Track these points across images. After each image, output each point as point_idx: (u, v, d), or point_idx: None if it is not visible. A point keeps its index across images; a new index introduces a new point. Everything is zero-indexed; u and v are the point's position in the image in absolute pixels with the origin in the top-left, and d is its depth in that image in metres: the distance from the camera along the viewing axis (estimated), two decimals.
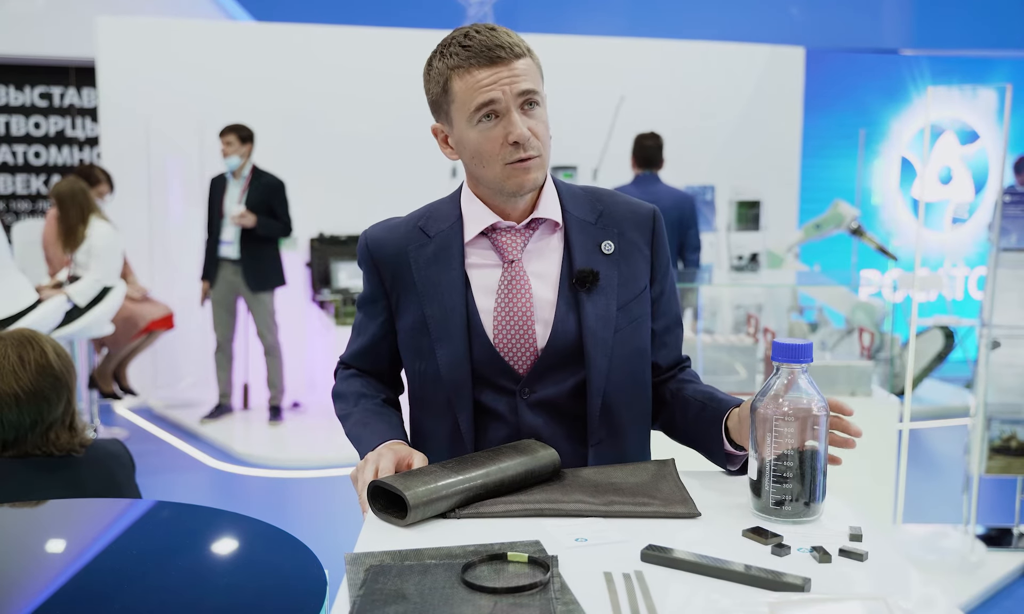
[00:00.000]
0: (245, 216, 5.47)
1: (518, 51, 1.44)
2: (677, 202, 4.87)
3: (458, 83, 1.44)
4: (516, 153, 1.45)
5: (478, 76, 1.43)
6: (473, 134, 1.46)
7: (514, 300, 1.52)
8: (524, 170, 1.46)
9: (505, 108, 1.43)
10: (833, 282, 5.56)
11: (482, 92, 1.43)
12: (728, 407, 1.51)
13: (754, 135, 7.34)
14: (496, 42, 1.43)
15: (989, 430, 3.93)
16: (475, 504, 1.35)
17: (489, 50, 1.42)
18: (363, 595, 1.08)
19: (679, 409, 1.60)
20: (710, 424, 1.53)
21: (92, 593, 1.26)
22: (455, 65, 1.44)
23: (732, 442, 1.49)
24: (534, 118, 1.46)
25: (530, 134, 1.45)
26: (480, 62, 1.42)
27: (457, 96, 1.45)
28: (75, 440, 1.95)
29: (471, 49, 1.43)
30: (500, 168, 1.46)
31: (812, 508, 1.32)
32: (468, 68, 1.43)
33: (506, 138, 1.44)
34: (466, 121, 1.46)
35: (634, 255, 1.57)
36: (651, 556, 1.19)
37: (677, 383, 1.64)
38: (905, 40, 8.36)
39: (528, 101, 1.45)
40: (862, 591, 1.12)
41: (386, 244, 1.59)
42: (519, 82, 1.43)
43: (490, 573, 1.14)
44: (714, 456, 1.55)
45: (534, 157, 1.46)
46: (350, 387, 1.65)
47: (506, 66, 1.43)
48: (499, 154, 1.46)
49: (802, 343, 1.32)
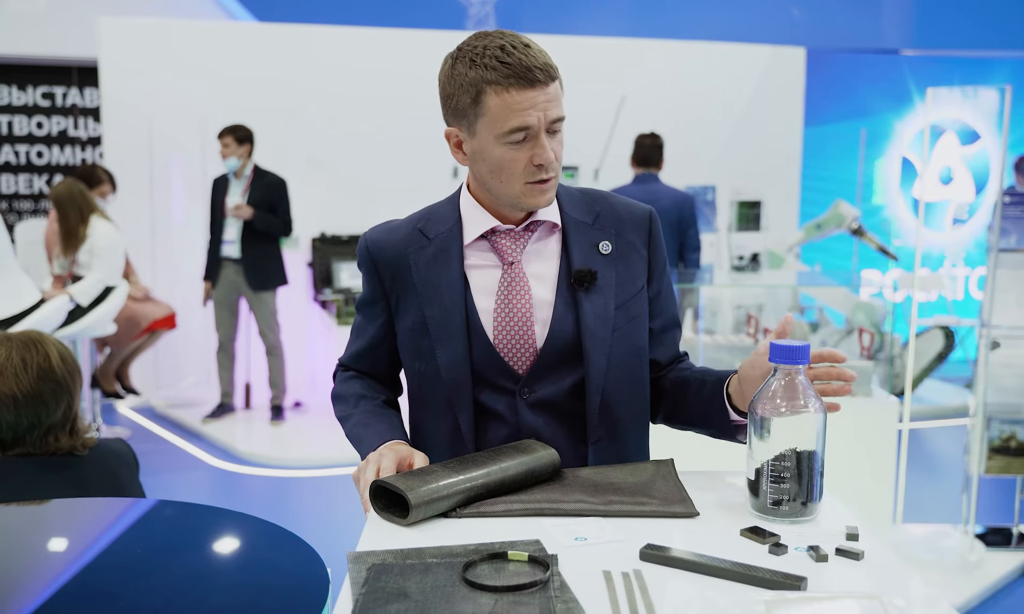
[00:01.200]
0: (242, 208, 5.48)
1: (552, 73, 1.46)
2: (676, 202, 4.87)
3: (494, 99, 1.44)
4: (538, 174, 1.48)
5: (517, 98, 1.43)
6: (499, 151, 1.47)
7: (514, 301, 1.54)
8: (542, 191, 1.50)
9: (536, 132, 1.45)
10: (834, 282, 5.56)
11: (519, 116, 1.43)
12: (726, 376, 1.54)
13: (755, 135, 7.35)
14: (535, 63, 1.43)
15: (989, 430, 3.94)
16: (476, 503, 1.37)
17: (529, 71, 1.43)
18: (365, 593, 1.09)
19: (679, 392, 1.63)
20: (712, 396, 1.55)
21: (95, 592, 1.27)
22: (492, 80, 1.43)
23: (736, 409, 1.51)
24: (556, 141, 1.49)
25: (553, 157, 1.48)
26: (520, 84, 1.43)
27: (491, 111, 1.45)
28: (76, 442, 1.95)
29: (511, 67, 1.43)
30: (520, 186, 1.49)
31: (809, 508, 1.34)
32: (507, 87, 1.43)
33: (531, 160, 1.47)
34: (494, 137, 1.47)
35: (631, 255, 1.59)
36: (650, 555, 1.20)
37: (676, 371, 1.67)
38: (906, 41, 8.37)
39: (555, 125, 1.47)
40: (858, 590, 1.14)
41: (386, 246, 1.60)
42: (552, 108, 1.45)
43: (491, 572, 1.15)
44: (721, 431, 1.57)
45: (552, 178, 1.50)
46: (350, 389, 1.67)
47: (543, 90, 1.44)
48: (522, 174, 1.48)
49: (800, 344, 1.34)
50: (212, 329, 5.92)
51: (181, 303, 6.26)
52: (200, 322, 6.38)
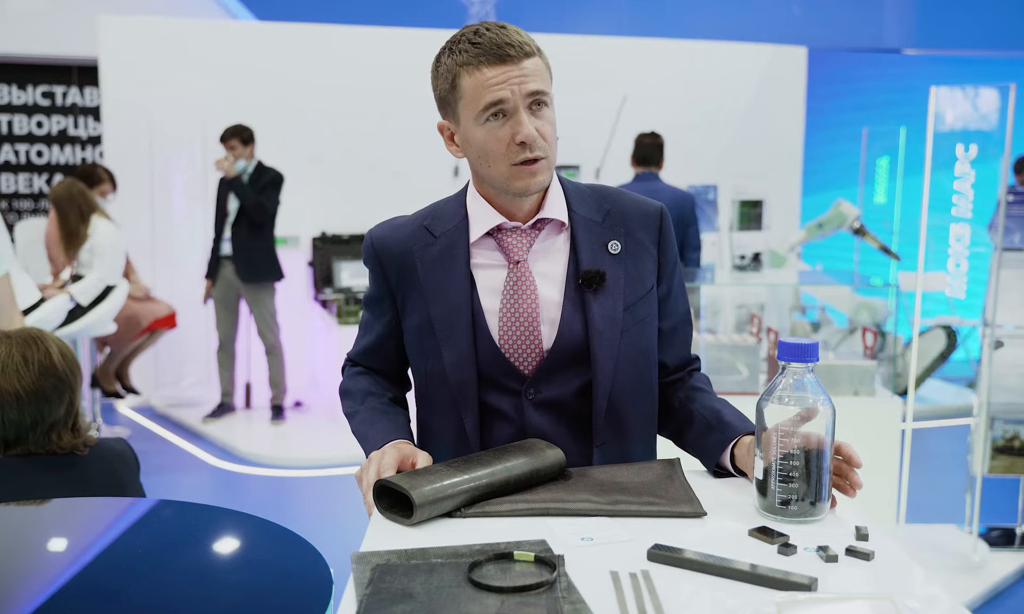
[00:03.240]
0: (222, 161, 5.47)
1: (528, 50, 1.43)
2: (677, 201, 4.86)
3: (467, 80, 1.43)
4: (522, 153, 1.44)
5: (487, 74, 1.41)
6: (480, 132, 1.45)
7: (519, 301, 1.51)
8: (530, 173, 1.46)
9: (513, 108, 1.42)
10: (835, 281, 5.54)
11: (491, 90, 1.41)
12: (735, 434, 1.49)
13: (757, 134, 7.34)
14: (506, 40, 1.42)
15: (992, 430, 3.93)
16: (481, 503, 1.35)
17: (499, 48, 1.41)
18: (370, 594, 1.08)
19: (685, 423, 1.59)
20: (713, 447, 1.51)
21: (95, 591, 1.26)
22: (464, 62, 1.43)
23: (736, 468, 1.49)
24: (542, 118, 1.45)
25: (537, 135, 1.44)
26: (490, 60, 1.41)
27: (465, 93, 1.44)
28: (78, 440, 1.94)
29: (481, 46, 1.42)
30: (506, 168, 1.46)
31: (818, 507, 1.32)
32: (477, 65, 1.42)
33: (513, 138, 1.43)
34: (473, 119, 1.45)
35: (641, 255, 1.56)
36: (657, 555, 1.19)
37: (686, 392, 1.62)
38: (907, 40, 8.36)
39: (536, 101, 1.44)
40: (869, 590, 1.12)
41: (391, 243, 1.58)
42: (528, 82, 1.42)
43: (496, 572, 1.13)
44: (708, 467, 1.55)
45: (540, 158, 1.45)
46: (357, 385, 1.65)
47: (516, 65, 1.42)
48: (505, 154, 1.44)
49: (808, 342, 1.32)
50: (212, 329, 5.91)
51: (181, 303, 6.24)
52: (200, 322, 6.36)
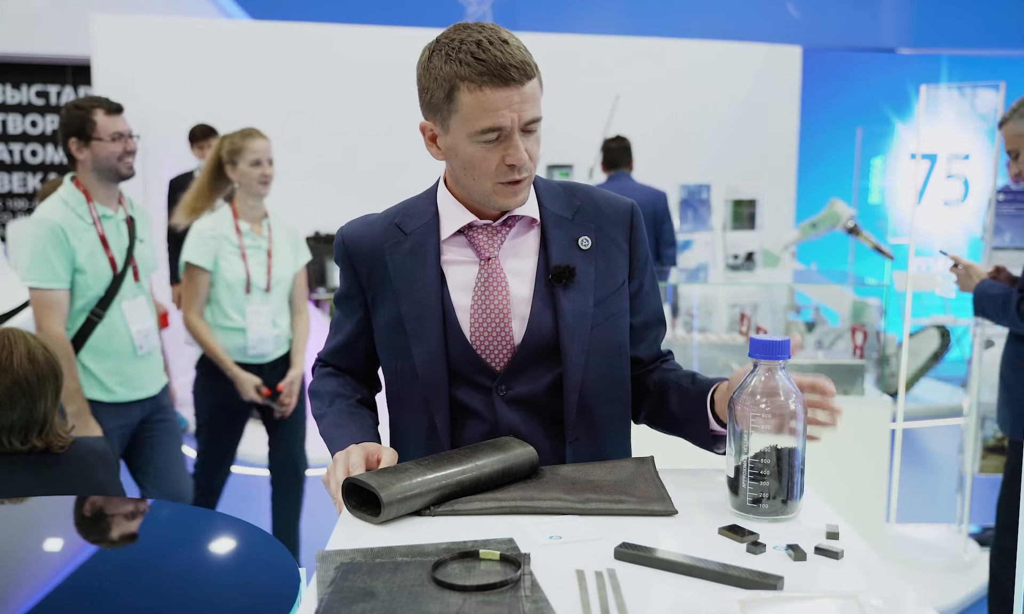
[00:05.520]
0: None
1: (529, 72, 1.41)
2: (649, 199, 4.91)
3: (467, 96, 1.40)
4: (510, 175, 1.44)
5: (490, 96, 1.39)
6: (471, 148, 1.43)
7: (491, 297, 1.51)
8: (514, 192, 1.46)
9: (509, 132, 1.41)
10: (829, 281, 5.54)
11: (492, 116, 1.39)
12: (712, 384, 1.51)
13: (751, 134, 7.33)
14: (510, 61, 1.38)
15: (983, 430, 3.92)
16: (450, 502, 1.34)
17: (503, 69, 1.38)
18: (331, 592, 1.07)
19: (662, 394, 1.60)
20: (694, 402, 1.52)
21: (59, 588, 1.25)
22: (465, 76, 1.39)
23: (717, 419, 1.48)
24: (531, 140, 1.45)
25: (527, 157, 1.44)
26: (493, 82, 1.38)
27: (463, 109, 1.41)
28: (55, 439, 1.94)
29: (485, 64, 1.38)
30: (491, 185, 1.45)
31: (790, 506, 1.32)
32: (480, 85, 1.38)
33: (504, 160, 1.43)
34: (467, 135, 1.42)
35: (612, 250, 1.56)
36: (624, 554, 1.18)
37: (660, 372, 1.63)
38: (902, 39, 8.36)
39: (530, 125, 1.44)
40: (836, 589, 1.11)
41: (362, 241, 1.58)
42: (527, 110, 1.41)
43: (461, 571, 1.13)
44: (700, 439, 1.53)
45: (525, 178, 1.46)
46: (325, 386, 1.64)
47: (517, 89, 1.39)
48: (493, 173, 1.44)
49: (780, 339, 1.31)
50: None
51: (173, 303, 6.23)
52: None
